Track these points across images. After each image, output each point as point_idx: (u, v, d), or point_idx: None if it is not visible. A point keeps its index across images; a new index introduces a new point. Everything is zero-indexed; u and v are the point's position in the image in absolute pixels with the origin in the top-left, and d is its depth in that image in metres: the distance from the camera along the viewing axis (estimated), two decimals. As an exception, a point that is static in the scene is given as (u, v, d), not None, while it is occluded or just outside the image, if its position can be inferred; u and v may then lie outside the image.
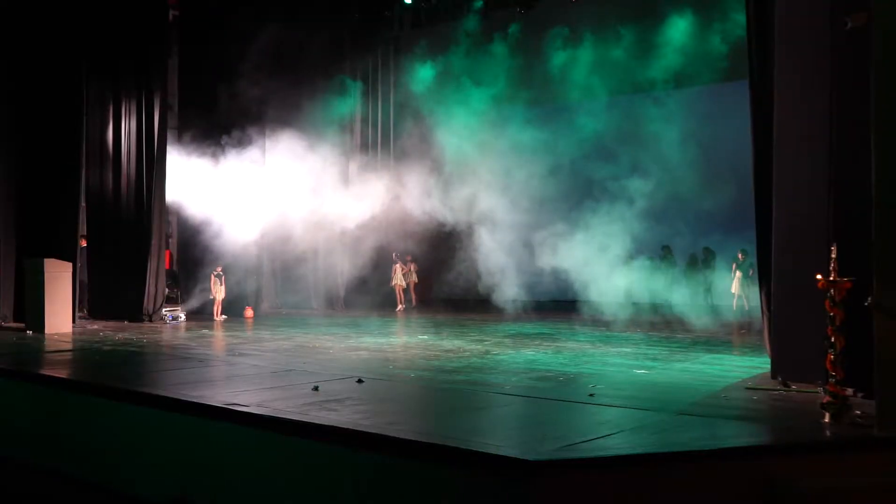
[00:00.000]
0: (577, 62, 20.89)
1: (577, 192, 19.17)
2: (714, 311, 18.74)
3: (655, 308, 18.61)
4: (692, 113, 20.33)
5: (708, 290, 20.33)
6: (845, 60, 9.25)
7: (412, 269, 23.38)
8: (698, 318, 17.56)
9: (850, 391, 8.12)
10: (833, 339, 7.75)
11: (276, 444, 7.76)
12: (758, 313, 18.44)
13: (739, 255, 19.76)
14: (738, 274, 19.93)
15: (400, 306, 22.69)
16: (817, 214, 9.52)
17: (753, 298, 19.75)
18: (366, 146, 24.29)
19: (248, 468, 7.94)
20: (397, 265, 23.03)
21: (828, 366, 7.79)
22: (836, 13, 9.19)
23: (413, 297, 23.52)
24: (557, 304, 20.63)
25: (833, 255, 7.83)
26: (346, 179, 22.78)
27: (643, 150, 19.32)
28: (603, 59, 20.64)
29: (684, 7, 20.42)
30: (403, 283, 23.01)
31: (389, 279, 23.27)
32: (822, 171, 9.53)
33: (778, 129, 10.18)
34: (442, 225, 20.69)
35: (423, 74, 22.23)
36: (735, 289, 20.07)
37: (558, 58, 20.96)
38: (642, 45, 20.45)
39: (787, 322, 10.08)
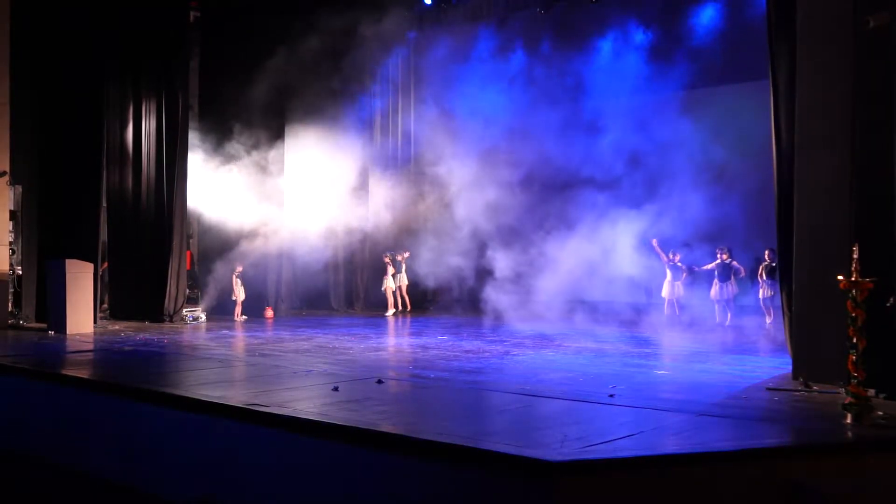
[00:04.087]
0: (599, 62, 20.87)
1: (598, 194, 19.10)
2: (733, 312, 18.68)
3: (679, 309, 18.58)
4: (714, 112, 20.25)
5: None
6: (867, 59, 9.23)
7: (404, 268, 21.98)
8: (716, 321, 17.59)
9: (871, 392, 8.11)
10: (855, 340, 7.73)
11: (296, 445, 7.81)
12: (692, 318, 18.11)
13: (670, 255, 18.41)
14: (669, 275, 18.57)
15: (391, 310, 21.67)
16: (839, 214, 9.51)
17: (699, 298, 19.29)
18: (386, 147, 24.27)
19: (269, 468, 7.98)
20: (390, 266, 21.88)
21: (849, 367, 7.78)
22: (859, 12, 9.17)
23: (406, 300, 22.13)
24: (582, 306, 20.57)
25: (855, 256, 7.81)
26: (366, 180, 22.80)
27: (666, 151, 19.27)
28: (626, 58, 20.61)
29: (706, 5, 20.36)
30: (393, 286, 21.83)
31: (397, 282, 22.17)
32: (844, 171, 9.51)
33: (799, 129, 10.16)
34: (461, 226, 20.66)
35: (443, 75, 22.23)
36: (665, 292, 18.68)
37: (581, 59, 20.92)
38: (665, 43, 20.40)
39: (808, 323, 10.07)
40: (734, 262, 17.98)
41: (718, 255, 18.01)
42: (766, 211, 13.44)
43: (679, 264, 18.38)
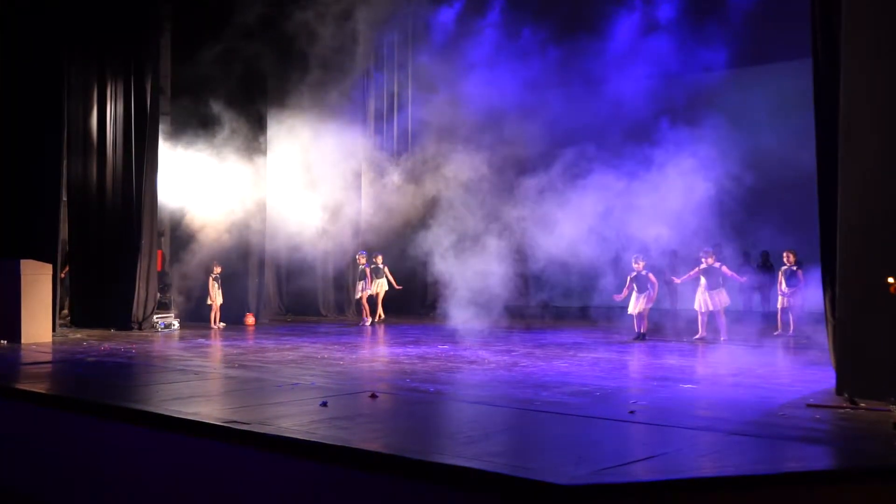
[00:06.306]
0: (611, 42, 20.88)
1: (614, 184, 19.07)
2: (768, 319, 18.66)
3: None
4: (748, 96, 20.23)
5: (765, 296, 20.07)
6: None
7: (384, 271, 21.46)
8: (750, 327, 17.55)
9: (926, 409, 8.08)
10: (907, 351, 7.70)
11: (280, 466, 7.78)
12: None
13: (633, 262, 17.21)
14: (634, 286, 17.16)
15: (367, 319, 21.12)
16: (888, 211, 9.45)
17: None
18: (381, 136, 24.20)
19: (249, 492, 7.95)
20: (367, 270, 21.20)
21: (901, 380, 7.74)
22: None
23: (379, 308, 21.54)
24: (602, 311, 20.55)
25: (906, 255, 7.78)
26: (357, 174, 22.75)
27: (692, 138, 19.25)
28: (651, 36, 20.62)
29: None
30: (372, 293, 21.28)
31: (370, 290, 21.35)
32: (894, 162, 9.45)
33: (844, 114, 10.09)
34: (462, 226, 20.63)
35: (442, 56, 22.22)
36: (631, 308, 17.29)
37: (593, 37, 20.93)
38: (694, 19, 20.40)
39: (854, 331, 10.00)
40: (724, 267, 17.10)
41: (703, 260, 16.98)
42: (806, 206, 13.38)
43: (644, 272, 17.04)
